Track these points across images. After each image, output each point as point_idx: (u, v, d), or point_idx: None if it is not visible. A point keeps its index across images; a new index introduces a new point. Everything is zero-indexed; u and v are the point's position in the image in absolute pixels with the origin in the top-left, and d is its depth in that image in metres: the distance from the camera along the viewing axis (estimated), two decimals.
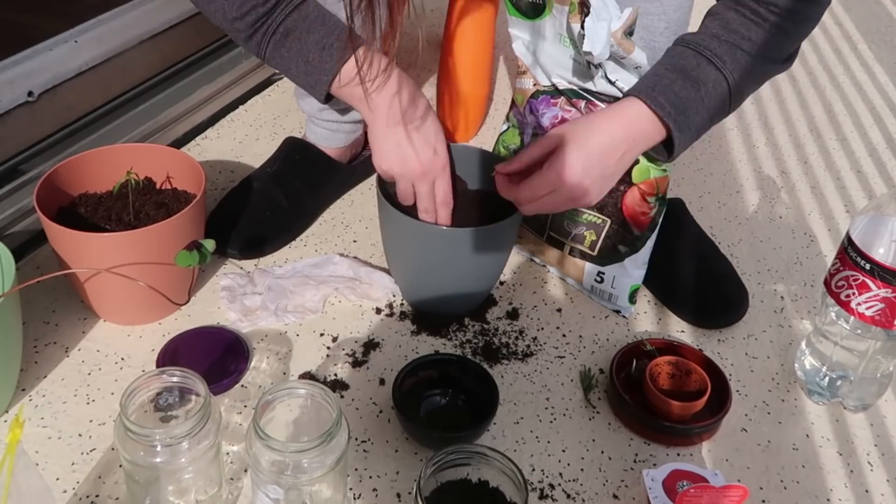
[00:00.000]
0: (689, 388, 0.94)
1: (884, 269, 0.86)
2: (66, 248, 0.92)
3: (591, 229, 1.05)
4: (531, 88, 1.06)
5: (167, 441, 0.70)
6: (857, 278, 0.88)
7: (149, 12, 1.36)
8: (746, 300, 1.08)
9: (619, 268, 1.05)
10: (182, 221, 0.94)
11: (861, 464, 0.91)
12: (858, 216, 0.89)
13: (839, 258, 0.91)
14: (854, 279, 0.88)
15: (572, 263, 1.08)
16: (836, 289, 0.90)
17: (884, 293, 0.86)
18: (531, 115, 1.07)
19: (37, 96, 1.18)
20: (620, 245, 1.04)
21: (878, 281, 0.86)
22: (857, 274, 0.88)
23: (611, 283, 1.06)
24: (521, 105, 1.09)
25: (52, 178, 0.98)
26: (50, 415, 0.89)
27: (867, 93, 1.70)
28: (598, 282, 1.07)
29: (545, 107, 1.05)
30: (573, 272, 1.09)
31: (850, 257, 0.88)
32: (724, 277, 1.09)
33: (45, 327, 0.99)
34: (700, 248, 1.13)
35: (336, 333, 1.01)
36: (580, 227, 1.05)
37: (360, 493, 0.83)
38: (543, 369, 0.99)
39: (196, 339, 0.98)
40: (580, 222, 1.05)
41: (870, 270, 0.86)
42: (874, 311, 0.88)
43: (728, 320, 1.07)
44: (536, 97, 1.06)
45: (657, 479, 0.81)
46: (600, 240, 1.04)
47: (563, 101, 1.03)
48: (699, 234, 1.15)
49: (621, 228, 1.03)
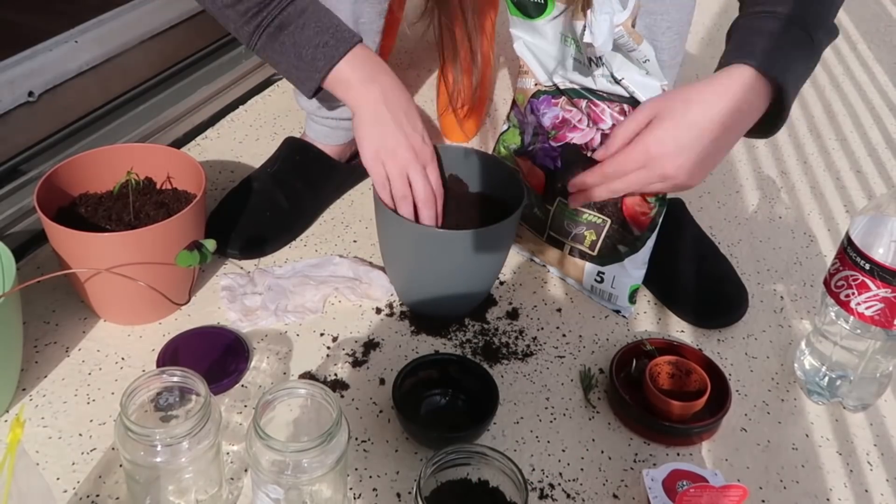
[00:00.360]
0: (688, 388, 0.94)
1: (883, 269, 0.86)
2: (66, 248, 0.92)
3: (591, 229, 1.05)
4: (532, 88, 1.06)
5: (167, 441, 0.70)
6: (856, 278, 0.88)
7: (149, 12, 1.36)
8: (746, 300, 1.08)
9: (618, 268, 1.05)
10: (182, 221, 0.94)
11: (861, 463, 0.91)
12: (858, 216, 0.89)
13: (839, 258, 0.91)
14: (854, 279, 0.88)
15: (572, 263, 1.08)
16: (835, 289, 0.90)
17: (883, 293, 0.86)
18: (532, 115, 1.07)
19: (37, 96, 1.18)
20: (620, 245, 1.04)
21: (877, 281, 0.86)
22: (856, 274, 0.88)
23: (611, 282, 1.06)
24: (522, 105, 1.09)
25: (52, 178, 0.98)
26: (50, 415, 0.89)
27: (867, 93, 1.70)
28: (598, 282, 1.07)
29: (546, 106, 1.05)
30: (573, 272, 1.09)
31: (850, 257, 0.88)
32: (724, 278, 1.09)
33: (46, 327, 0.99)
34: (700, 249, 1.13)
35: (336, 333, 1.01)
36: (580, 227, 1.05)
37: (360, 493, 0.83)
38: (543, 369, 0.99)
39: (196, 339, 0.98)
40: (580, 222, 1.05)
41: (869, 270, 0.86)
42: (874, 311, 0.88)
43: (728, 321, 1.07)
44: (538, 97, 1.06)
45: (657, 479, 0.81)
46: (600, 240, 1.04)
47: (565, 100, 1.03)
48: (699, 235, 1.15)
49: (621, 228, 1.03)
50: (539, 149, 1.07)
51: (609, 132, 0.99)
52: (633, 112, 0.91)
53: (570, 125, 1.03)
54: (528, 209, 1.10)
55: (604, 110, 1.00)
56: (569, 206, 1.03)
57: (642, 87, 0.95)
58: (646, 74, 0.94)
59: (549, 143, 1.05)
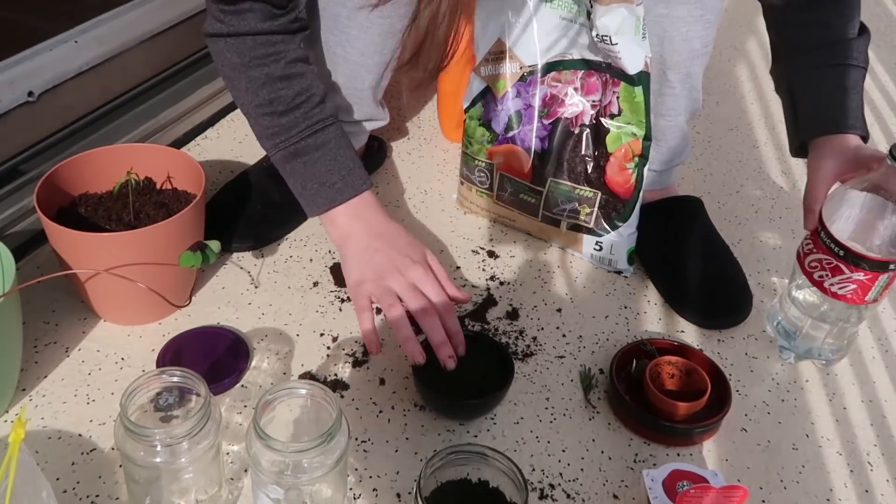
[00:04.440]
0: (689, 388, 0.94)
1: (857, 256, 0.88)
2: (66, 248, 0.92)
3: (584, 203, 1.09)
4: (518, 72, 1.08)
5: (167, 441, 0.70)
6: (830, 262, 0.91)
7: (149, 12, 1.36)
8: (750, 304, 1.08)
9: (615, 235, 1.10)
10: (182, 221, 0.94)
11: (861, 464, 0.91)
12: (830, 202, 0.92)
13: (811, 239, 0.94)
14: (827, 262, 0.91)
15: (571, 237, 1.14)
16: (809, 268, 0.94)
17: (857, 276, 0.90)
18: (516, 99, 1.09)
19: (37, 96, 1.18)
20: (612, 213, 1.09)
21: (851, 266, 0.89)
22: (829, 258, 0.91)
23: (609, 250, 1.12)
24: (499, 91, 1.09)
25: (52, 178, 0.98)
26: (50, 415, 0.89)
27: (867, 93, 1.69)
28: (598, 250, 1.13)
29: (534, 87, 1.07)
30: (572, 244, 1.15)
31: (824, 242, 0.91)
32: (730, 279, 1.10)
33: (46, 327, 0.99)
34: (710, 248, 1.13)
35: (336, 333, 1.01)
36: (573, 203, 1.10)
37: (360, 493, 0.83)
38: (543, 369, 0.99)
39: (196, 339, 0.98)
40: (574, 198, 1.10)
41: (843, 256, 0.89)
42: (847, 291, 0.91)
43: (730, 322, 1.07)
44: (525, 79, 1.07)
45: (657, 480, 0.81)
46: (595, 210, 1.09)
47: (551, 77, 1.06)
48: (711, 235, 1.16)
49: (610, 198, 1.08)
50: (526, 131, 1.08)
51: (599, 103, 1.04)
52: (813, 181, 0.95)
53: (559, 100, 1.06)
54: (515, 195, 1.14)
55: (596, 80, 1.04)
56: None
57: (631, 54, 0.97)
58: (642, 39, 0.96)
59: (541, 122, 1.08)
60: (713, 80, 1.70)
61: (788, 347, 1.01)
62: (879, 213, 0.87)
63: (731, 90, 1.68)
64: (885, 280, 0.89)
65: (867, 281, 0.89)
